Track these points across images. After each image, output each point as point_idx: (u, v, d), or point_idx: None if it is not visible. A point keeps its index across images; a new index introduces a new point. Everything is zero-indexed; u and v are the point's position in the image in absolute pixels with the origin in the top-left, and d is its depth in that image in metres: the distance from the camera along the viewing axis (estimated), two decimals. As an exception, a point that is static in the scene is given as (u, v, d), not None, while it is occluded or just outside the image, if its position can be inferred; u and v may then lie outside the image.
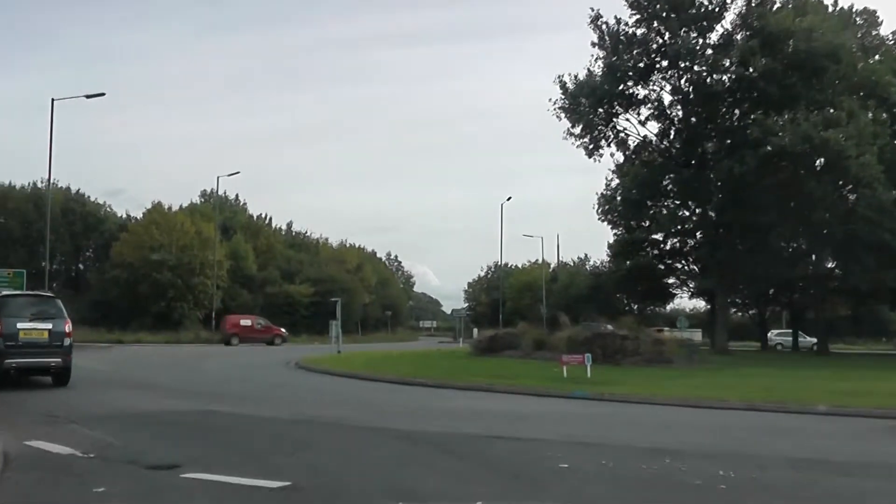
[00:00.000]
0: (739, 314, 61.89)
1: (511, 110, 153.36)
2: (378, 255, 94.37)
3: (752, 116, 35.04)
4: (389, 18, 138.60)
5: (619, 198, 40.69)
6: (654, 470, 7.73)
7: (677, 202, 41.20)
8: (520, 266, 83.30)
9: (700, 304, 58.83)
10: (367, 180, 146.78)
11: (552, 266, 73.91)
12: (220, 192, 63.27)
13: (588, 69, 38.09)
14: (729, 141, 37.06)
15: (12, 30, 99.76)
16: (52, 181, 54.61)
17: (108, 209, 64.07)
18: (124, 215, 63.83)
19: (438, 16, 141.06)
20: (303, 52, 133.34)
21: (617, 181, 41.37)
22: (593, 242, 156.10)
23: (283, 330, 51.55)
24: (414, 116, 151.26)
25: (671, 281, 49.78)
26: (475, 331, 52.70)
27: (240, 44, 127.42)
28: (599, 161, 40.25)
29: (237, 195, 73.78)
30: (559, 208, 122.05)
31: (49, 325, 15.09)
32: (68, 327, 15.46)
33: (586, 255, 77.93)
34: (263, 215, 74.75)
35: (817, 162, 34.93)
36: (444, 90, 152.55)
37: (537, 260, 77.35)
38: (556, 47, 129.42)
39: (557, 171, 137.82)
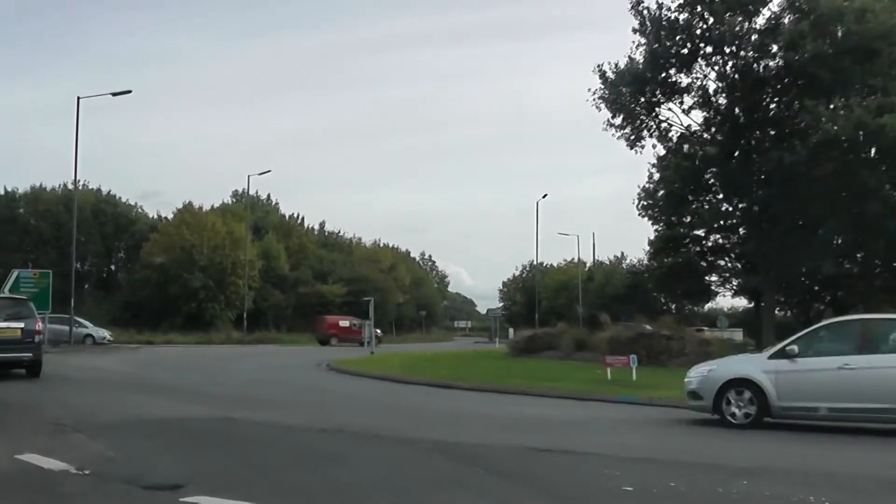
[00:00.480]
0: (782, 313, 59.94)
1: (546, 108, 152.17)
2: (412, 255, 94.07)
3: (801, 104, 33.47)
4: (421, 18, 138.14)
5: (660, 192, 39.32)
6: (734, 495, 6.56)
7: (720, 196, 39.72)
8: (555, 265, 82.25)
9: (738, 303, 57.22)
10: (400, 180, 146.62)
11: (588, 265, 72.79)
12: (252, 192, 63.26)
13: (629, 57, 36.81)
14: (773, 132, 35.54)
15: (46, 34, 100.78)
16: (84, 183, 55.10)
17: (139, 210, 64.36)
18: (156, 216, 63.94)
19: (470, 15, 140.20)
20: (334, 52, 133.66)
21: (657, 175, 40.03)
22: (629, 241, 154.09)
23: (378, 331, 51.28)
24: (447, 116, 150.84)
25: (713, 278, 48.24)
26: (511, 331, 51.74)
27: (271, 45, 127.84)
28: (641, 152, 38.81)
29: (269, 195, 73.75)
30: (594, 206, 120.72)
31: (22, 324, 16.65)
32: (39, 326, 17.42)
33: (622, 254, 76.48)
34: (296, 215, 74.53)
35: (871, 150, 33.28)
36: (479, 90, 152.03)
37: (573, 259, 76.41)
38: (590, 45, 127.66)
39: (592, 169, 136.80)
